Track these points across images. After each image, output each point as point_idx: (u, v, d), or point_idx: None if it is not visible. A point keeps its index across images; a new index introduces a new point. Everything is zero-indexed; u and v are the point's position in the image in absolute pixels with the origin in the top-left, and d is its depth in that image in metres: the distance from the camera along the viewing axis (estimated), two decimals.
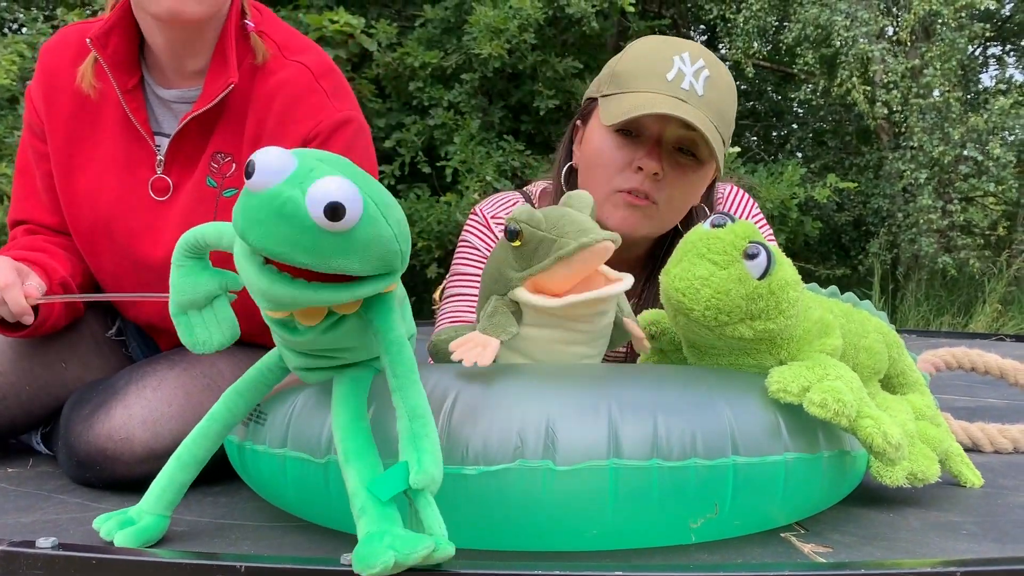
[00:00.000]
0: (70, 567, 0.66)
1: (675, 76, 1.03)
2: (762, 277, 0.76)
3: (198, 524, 0.83)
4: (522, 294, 0.80)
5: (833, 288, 0.94)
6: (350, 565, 0.62)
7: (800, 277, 0.82)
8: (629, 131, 1.05)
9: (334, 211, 0.58)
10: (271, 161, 0.59)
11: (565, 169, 1.15)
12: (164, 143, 1.05)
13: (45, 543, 0.67)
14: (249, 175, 0.59)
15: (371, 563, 0.59)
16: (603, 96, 1.08)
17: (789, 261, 0.81)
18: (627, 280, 0.82)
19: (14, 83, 3.79)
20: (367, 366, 0.75)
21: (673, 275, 0.79)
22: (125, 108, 1.03)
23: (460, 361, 0.75)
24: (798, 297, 0.79)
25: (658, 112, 1.00)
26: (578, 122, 1.16)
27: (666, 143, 1.05)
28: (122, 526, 0.74)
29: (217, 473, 0.93)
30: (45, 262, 1.02)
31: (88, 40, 1.00)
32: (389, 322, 0.67)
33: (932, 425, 0.94)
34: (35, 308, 0.97)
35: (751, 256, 0.76)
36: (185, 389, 0.97)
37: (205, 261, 0.75)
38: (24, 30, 4.41)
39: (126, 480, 0.92)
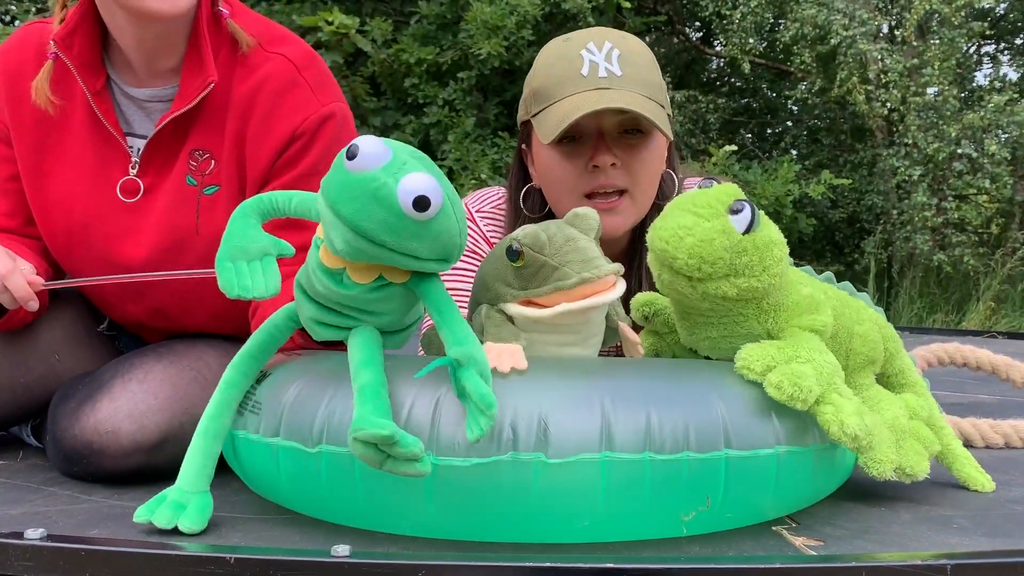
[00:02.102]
0: (59, 559, 0.66)
1: (589, 69, 1.04)
2: (746, 232, 0.76)
3: None
4: (512, 308, 0.81)
5: (828, 274, 0.94)
6: (341, 556, 0.62)
7: (785, 241, 0.81)
8: (570, 137, 1.06)
9: (420, 203, 0.68)
10: (372, 148, 0.69)
11: (524, 191, 1.16)
12: (136, 143, 1.03)
13: (34, 534, 0.67)
14: (352, 157, 0.68)
15: (380, 424, 0.65)
16: (533, 116, 1.09)
17: (775, 226, 0.81)
18: (620, 288, 0.81)
19: None
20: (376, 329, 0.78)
21: (658, 227, 0.79)
22: (96, 111, 1.00)
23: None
24: (783, 256, 0.79)
25: (586, 112, 1.00)
26: (523, 147, 1.17)
27: (608, 133, 1.06)
28: (176, 510, 0.75)
29: None
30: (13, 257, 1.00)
31: (51, 42, 0.97)
32: (432, 282, 0.76)
33: (925, 426, 0.94)
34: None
35: (735, 211, 0.77)
36: (172, 382, 0.96)
37: (261, 225, 0.79)
38: (17, 22, 4.38)
39: (114, 473, 0.92)
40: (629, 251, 1.18)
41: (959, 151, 4.54)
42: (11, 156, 1.05)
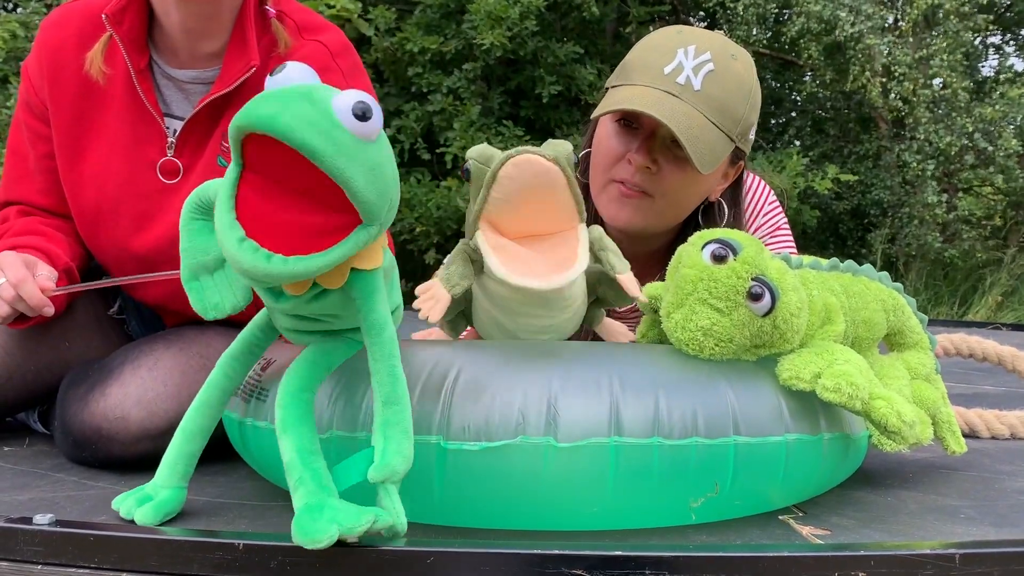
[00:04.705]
0: (67, 544, 0.66)
1: (673, 69, 1.01)
2: (767, 314, 0.76)
3: (195, 503, 0.82)
4: (478, 237, 0.77)
5: (834, 260, 0.94)
6: (351, 543, 0.62)
7: (804, 296, 0.81)
8: (630, 122, 1.05)
9: (363, 112, 0.58)
10: (302, 67, 0.61)
11: (582, 155, 1.16)
12: (173, 124, 1.04)
13: (42, 520, 0.67)
14: (274, 73, 0.60)
15: (317, 538, 0.58)
16: (611, 87, 1.09)
17: (794, 281, 0.79)
18: (564, 279, 0.74)
19: (6, 63, 3.75)
20: (350, 339, 0.74)
21: (675, 322, 0.78)
22: (137, 88, 1.01)
23: (419, 311, 0.75)
24: (803, 324, 0.79)
25: (630, 109, 0.99)
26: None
27: (661, 137, 1.04)
28: (140, 503, 0.74)
29: (214, 453, 0.93)
30: (46, 247, 1.01)
31: (104, 16, 0.98)
32: (373, 303, 0.66)
33: (926, 384, 0.94)
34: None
35: (755, 297, 0.75)
36: (181, 369, 0.96)
37: (211, 221, 0.72)
38: (19, 10, 4.37)
39: (122, 459, 0.92)
40: (665, 255, 1.17)
41: (970, 144, 4.52)
42: (47, 134, 1.06)
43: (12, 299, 0.93)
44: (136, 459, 0.92)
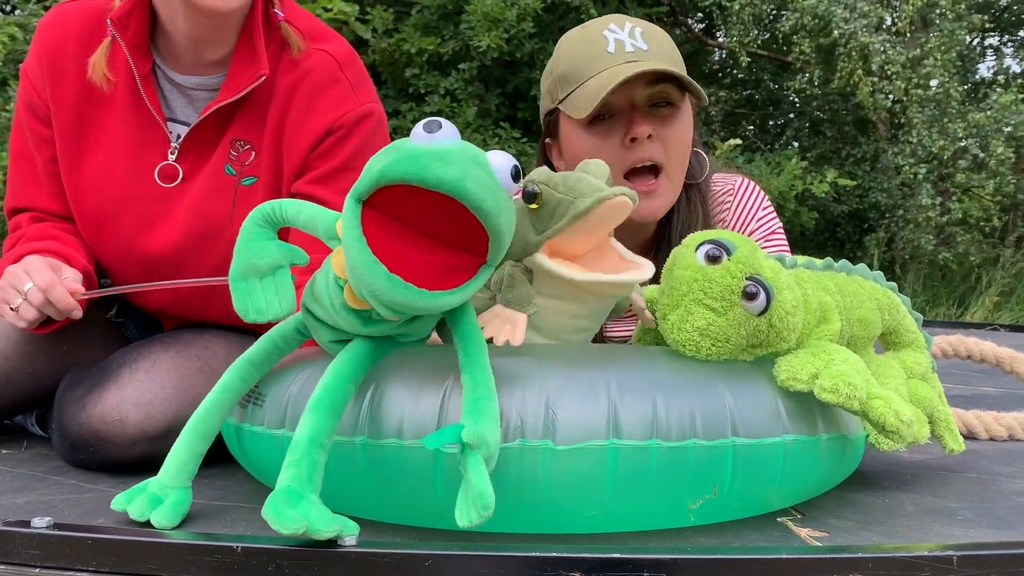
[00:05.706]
0: (65, 547, 0.66)
1: (615, 47, 1.05)
2: (762, 313, 0.76)
3: (194, 506, 0.82)
4: (544, 261, 0.78)
5: (828, 260, 0.94)
6: (348, 546, 0.62)
7: (799, 295, 0.81)
8: (602, 117, 1.07)
9: (518, 173, 0.66)
10: (453, 127, 0.65)
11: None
12: (176, 130, 1.04)
13: (40, 523, 0.67)
14: (433, 130, 0.63)
15: (285, 524, 0.61)
16: (561, 102, 1.09)
17: (789, 280, 0.80)
18: (649, 268, 0.80)
19: (4, 66, 3.74)
20: (389, 343, 0.76)
21: (671, 323, 0.79)
22: (142, 93, 1.01)
23: (491, 339, 0.75)
24: (799, 322, 0.80)
25: (626, 76, 1.01)
26: (547, 140, 1.17)
27: (641, 106, 1.06)
28: (152, 503, 0.74)
29: (213, 456, 0.93)
30: (62, 251, 1.01)
31: (109, 20, 0.98)
32: (465, 316, 0.72)
33: (922, 383, 0.95)
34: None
35: (750, 296, 0.76)
36: (179, 372, 0.96)
37: (273, 233, 0.76)
38: (17, 12, 4.36)
39: (120, 461, 0.92)
40: (655, 238, 1.17)
41: (962, 145, 4.53)
42: (51, 137, 1.06)
43: (41, 303, 0.93)
44: (134, 461, 0.92)
